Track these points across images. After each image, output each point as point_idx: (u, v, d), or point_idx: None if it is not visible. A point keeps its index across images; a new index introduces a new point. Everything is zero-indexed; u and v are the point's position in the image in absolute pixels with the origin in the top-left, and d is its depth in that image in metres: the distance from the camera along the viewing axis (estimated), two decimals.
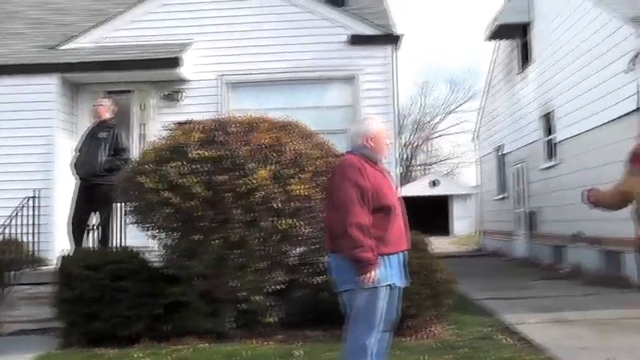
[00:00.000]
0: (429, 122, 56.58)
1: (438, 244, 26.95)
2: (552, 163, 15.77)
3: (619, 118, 11.49)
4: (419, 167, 57.87)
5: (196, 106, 10.74)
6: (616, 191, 5.48)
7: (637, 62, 11.08)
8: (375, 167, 4.88)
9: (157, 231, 7.38)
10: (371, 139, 4.92)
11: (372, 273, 4.59)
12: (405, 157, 54.71)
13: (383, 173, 4.95)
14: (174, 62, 10.73)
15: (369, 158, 4.89)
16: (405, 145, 54.52)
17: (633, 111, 11.08)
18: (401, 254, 4.98)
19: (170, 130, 7.79)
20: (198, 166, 6.89)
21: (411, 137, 55.74)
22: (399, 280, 4.94)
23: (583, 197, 5.52)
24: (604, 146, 12.11)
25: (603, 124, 12.44)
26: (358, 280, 4.62)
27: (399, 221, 4.92)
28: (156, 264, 7.62)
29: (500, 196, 21.11)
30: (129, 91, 11.36)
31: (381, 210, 4.73)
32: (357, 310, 4.76)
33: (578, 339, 7.15)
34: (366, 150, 4.91)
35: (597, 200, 5.48)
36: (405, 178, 51.66)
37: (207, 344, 6.96)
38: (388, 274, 4.77)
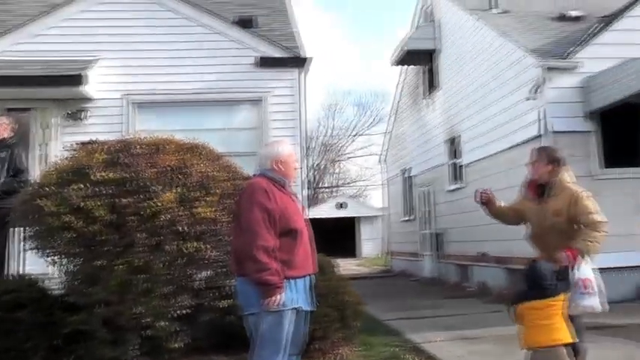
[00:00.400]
0: (336, 145, 57.11)
1: (346, 266, 27.22)
2: (458, 186, 16.16)
3: (522, 143, 11.88)
4: (326, 189, 58.21)
5: (101, 126, 10.49)
6: (513, 206, 5.76)
7: (539, 91, 11.51)
8: (283, 191, 4.88)
9: (58, 257, 7.08)
10: (280, 163, 4.93)
11: (278, 297, 4.58)
12: (312, 179, 54.96)
13: (291, 197, 4.96)
14: (77, 80, 10.40)
15: (278, 181, 4.89)
16: (312, 168, 54.79)
17: (536, 137, 11.48)
18: (308, 278, 4.98)
19: (73, 150, 7.52)
20: (102, 188, 6.67)
21: (319, 160, 56.07)
22: (306, 304, 4.93)
23: (476, 195, 5.77)
24: (507, 170, 12.49)
25: (507, 149, 12.85)
26: (264, 303, 4.58)
27: (306, 245, 4.93)
28: (56, 292, 7.29)
29: (407, 218, 21.46)
30: (30, 109, 10.94)
31: (288, 233, 4.73)
32: (262, 334, 4.72)
33: (483, 355, 7.35)
34: (275, 173, 4.91)
35: (488, 200, 5.73)
36: (313, 200, 51.88)
37: None
38: (294, 297, 4.76)
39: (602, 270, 9.78)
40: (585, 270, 4.99)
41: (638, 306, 10.35)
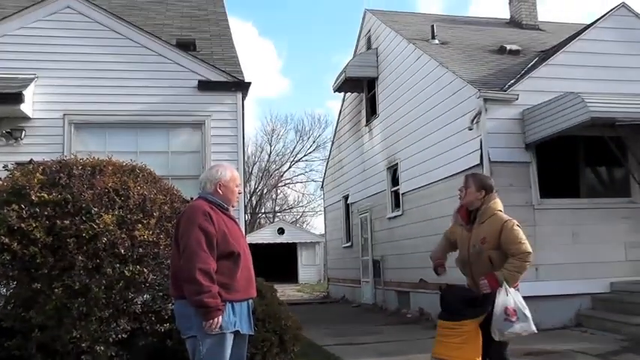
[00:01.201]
0: (276, 170, 57.16)
1: (286, 291, 27.14)
2: (397, 213, 16.31)
3: (462, 172, 12.07)
4: (265, 215, 58.09)
5: (39, 146, 10.29)
6: (447, 237, 5.86)
7: (478, 121, 11.76)
8: (224, 214, 4.90)
9: None
10: (222, 186, 4.95)
11: (217, 319, 4.57)
12: (251, 204, 54.78)
13: (232, 220, 4.97)
14: (14, 98, 10.21)
15: (219, 205, 4.91)
16: (252, 193, 54.64)
17: (475, 166, 11.71)
18: (249, 302, 4.99)
19: (9, 170, 7.37)
20: (40, 209, 6.59)
21: (259, 185, 55.98)
22: (246, 328, 4.94)
23: (435, 271, 5.83)
24: (446, 198, 12.67)
25: (446, 177, 13.04)
26: (203, 326, 4.57)
27: (248, 268, 4.94)
28: None
29: (347, 244, 21.53)
30: None
31: (229, 257, 4.74)
32: (201, 357, 4.71)
33: None
34: (216, 197, 4.93)
35: (439, 261, 5.82)
36: (252, 225, 51.68)
37: None
38: (234, 320, 4.76)
39: (542, 298, 10.12)
40: (510, 298, 5.10)
41: (576, 333, 10.60)
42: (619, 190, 12.45)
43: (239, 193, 5.12)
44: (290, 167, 57.05)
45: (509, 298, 5.09)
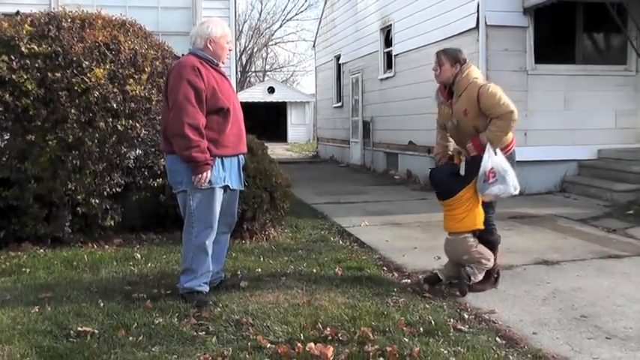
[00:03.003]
0: (267, 29, 56.06)
1: (275, 150, 27.41)
2: (389, 75, 16.18)
3: (457, 35, 11.88)
4: (256, 74, 57.54)
5: None
6: (439, 133, 5.77)
7: None
8: (214, 69, 4.89)
9: None
10: (212, 42, 4.92)
11: (206, 174, 4.66)
12: (241, 62, 54.12)
13: (222, 76, 4.97)
14: None
15: (209, 61, 4.90)
16: (242, 51, 53.84)
17: (471, 29, 11.50)
18: (239, 157, 5.06)
19: None
20: (30, 61, 6.52)
21: (249, 43, 55.07)
22: (236, 183, 5.05)
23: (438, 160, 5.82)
24: None
25: (441, 40, 12.81)
26: (192, 180, 4.65)
27: (238, 124, 4.98)
28: None
29: (337, 105, 21.50)
30: None
31: (218, 112, 4.77)
32: (192, 211, 4.85)
33: (408, 240, 7.63)
34: (206, 52, 4.91)
35: (442, 157, 5.74)
36: (242, 84, 51.30)
37: (44, 249, 6.73)
38: (224, 175, 4.86)
39: (529, 163, 10.23)
40: (489, 160, 5.15)
41: (560, 198, 10.84)
42: (615, 57, 12.31)
43: (229, 50, 5.08)
44: (281, 26, 56.05)
45: (490, 160, 5.15)
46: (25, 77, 6.43)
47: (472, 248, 5.31)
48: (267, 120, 40.34)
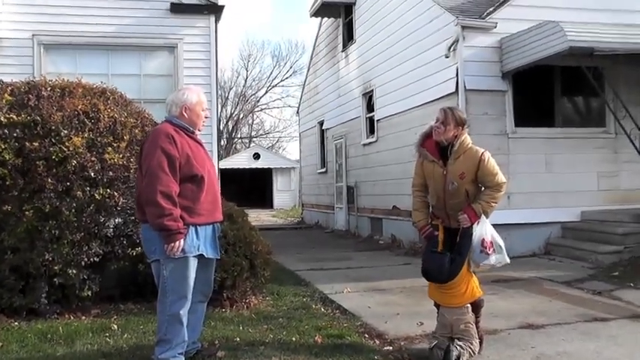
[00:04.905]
0: (253, 95, 56.69)
1: (260, 217, 27.32)
2: (372, 140, 16.29)
3: (437, 99, 12.02)
4: (242, 140, 57.87)
5: (8, 67, 10.09)
6: (419, 200, 5.57)
7: (456, 48, 11.63)
8: (189, 137, 4.88)
9: None
10: (187, 109, 4.92)
11: (178, 243, 4.59)
12: (227, 129, 54.50)
13: (198, 143, 4.95)
14: None
15: (184, 128, 4.88)
16: (228, 118, 54.30)
17: (451, 94, 11.67)
18: (215, 225, 4.99)
19: None
20: (9, 131, 6.50)
21: (235, 110, 55.58)
22: (211, 252, 4.97)
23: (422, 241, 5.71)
24: (420, 126, 12.54)
25: (421, 104, 12.98)
26: (165, 249, 4.56)
27: (213, 192, 4.93)
28: None
29: (322, 170, 21.56)
30: None
31: (192, 179, 4.73)
32: (165, 281, 4.76)
33: (391, 306, 7.52)
34: (182, 120, 4.90)
35: (427, 228, 5.49)
36: (228, 150, 51.54)
37: (19, 322, 6.57)
38: (197, 244, 4.78)
39: (513, 226, 10.25)
40: (484, 230, 5.12)
41: (544, 261, 10.80)
42: (594, 120, 12.49)
43: (205, 117, 5.07)
44: (266, 92, 56.74)
45: (485, 229, 5.12)
46: (3, 147, 6.40)
47: (471, 322, 5.22)
48: (253, 186, 40.40)
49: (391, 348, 5.61)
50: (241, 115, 56.50)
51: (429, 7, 12.90)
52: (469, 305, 5.25)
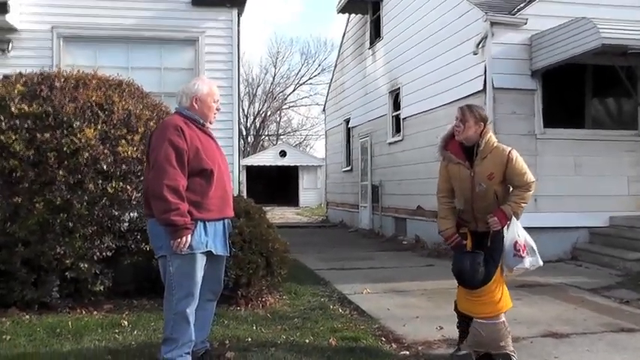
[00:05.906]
0: (281, 92, 56.67)
1: (285, 214, 27.23)
2: (398, 139, 16.06)
3: (464, 98, 11.75)
4: (269, 137, 57.91)
5: (27, 59, 9.86)
6: (446, 207, 5.31)
7: (484, 45, 11.37)
8: (200, 129, 4.69)
9: None
10: (198, 100, 4.73)
11: (185, 238, 4.40)
12: (255, 126, 54.58)
13: (208, 136, 4.77)
14: (0, 8, 9.80)
15: (195, 120, 4.70)
16: (255, 115, 54.36)
17: (479, 92, 11.40)
18: (225, 221, 4.80)
19: None
20: (20, 122, 6.39)
21: (263, 107, 55.61)
22: (221, 249, 4.77)
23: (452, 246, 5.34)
24: (446, 125, 12.31)
25: (448, 103, 12.72)
26: (171, 245, 4.39)
27: (223, 187, 4.74)
28: None
29: (347, 169, 21.38)
30: None
31: (201, 173, 4.54)
32: (171, 277, 4.59)
33: (411, 308, 7.30)
34: (192, 111, 4.73)
35: (455, 236, 5.20)
36: (255, 147, 51.60)
37: (30, 315, 6.47)
38: (206, 240, 4.60)
39: (539, 230, 9.98)
40: (516, 232, 4.89)
41: (571, 266, 10.49)
42: (625, 122, 12.12)
43: (217, 110, 4.86)
44: (294, 90, 56.66)
45: (517, 232, 4.89)
46: (14, 138, 6.30)
47: (509, 334, 4.96)
48: (280, 184, 40.33)
49: (408, 353, 5.40)
50: (269, 113, 56.53)
51: (458, 2, 12.64)
52: (504, 318, 4.97)
